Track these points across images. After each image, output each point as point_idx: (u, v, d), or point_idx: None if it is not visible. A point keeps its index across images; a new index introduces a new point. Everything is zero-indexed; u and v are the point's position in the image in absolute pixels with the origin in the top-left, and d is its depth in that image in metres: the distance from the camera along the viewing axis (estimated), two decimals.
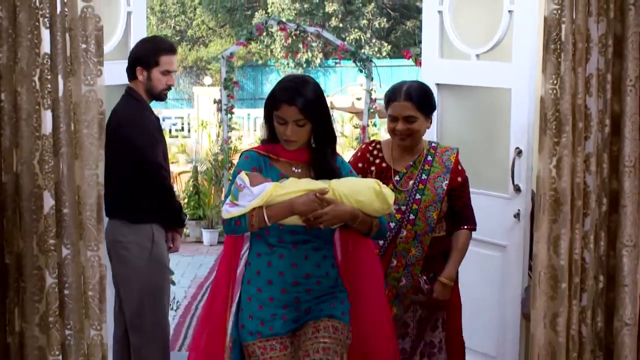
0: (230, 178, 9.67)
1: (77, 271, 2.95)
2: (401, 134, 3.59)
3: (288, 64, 25.73)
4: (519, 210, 4.11)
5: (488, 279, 4.32)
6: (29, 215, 2.95)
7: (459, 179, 3.70)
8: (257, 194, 2.96)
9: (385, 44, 26.67)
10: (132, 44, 4.17)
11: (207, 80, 19.82)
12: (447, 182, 3.64)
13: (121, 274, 4.10)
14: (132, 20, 4.25)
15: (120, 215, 4.06)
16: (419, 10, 27.88)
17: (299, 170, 3.16)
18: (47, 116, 2.91)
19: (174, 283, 5.16)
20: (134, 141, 3.94)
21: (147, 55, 4.02)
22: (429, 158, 3.67)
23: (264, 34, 10.00)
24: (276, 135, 3.12)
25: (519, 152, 4.08)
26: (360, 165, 3.70)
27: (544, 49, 3.17)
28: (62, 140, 2.89)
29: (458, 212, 3.72)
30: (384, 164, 3.68)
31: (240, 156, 3.17)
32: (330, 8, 25.57)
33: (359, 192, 3.08)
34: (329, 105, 3.16)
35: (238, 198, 2.99)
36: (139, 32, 4.26)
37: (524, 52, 4.01)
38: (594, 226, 3.33)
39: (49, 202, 2.95)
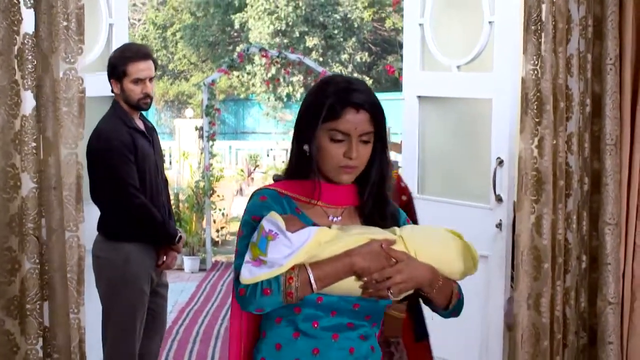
0: (212, 205, 9.78)
1: (59, 255, 2.91)
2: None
3: (269, 98, 25.84)
4: (500, 220, 4.10)
5: (470, 290, 4.22)
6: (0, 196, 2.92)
7: (403, 197, 3.01)
8: (299, 245, 2.00)
9: (367, 79, 26.84)
10: None
11: (189, 112, 19.84)
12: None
13: (100, 292, 3.98)
14: (113, 32, 4.22)
15: (100, 230, 3.98)
16: (400, 45, 28.16)
17: (339, 219, 2.20)
18: (27, 96, 2.89)
19: None
20: (104, 158, 3.83)
21: (115, 66, 3.90)
22: None
23: (246, 60, 9.94)
24: (302, 169, 2.17)
25: (500, 162, 4.08)
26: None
27: (524, 29, 3.21)
28: (45, 121, 2.88)
29: None
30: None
31: (252, 197, 2.21)
32: (310, 42, 25.71)
33: (439, 245, 2.19)
34: None
35: (267, 251, 2.00)
36: (120, 44, 4.21)
37: (504, 62, 4.03)
38: (576, 206, 3.36)
39: (28, 184, 2.92)
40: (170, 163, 17.90)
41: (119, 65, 3.87)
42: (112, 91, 3.95)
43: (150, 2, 29.66)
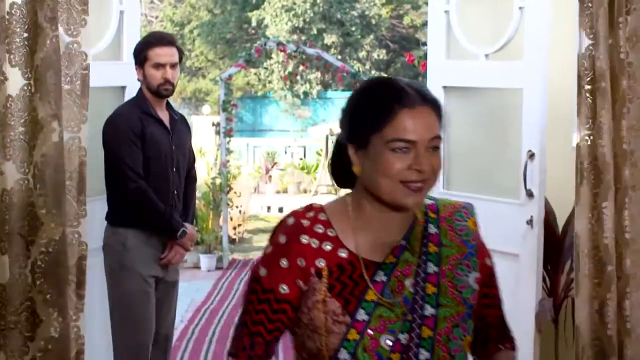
0: (229, 202, 9.61)
1: (56, 254, 2.61)
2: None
3: (286, 95, 25.72)
4: (531, 216, 3.90)
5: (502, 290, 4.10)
6: None
7: (487, 261, 1.98)
8: None
9: (385, 76, 26.60)
10: (125, 44, 4.04)
11: (206, 109, 19.73)
12: (477, 273, 1.89)
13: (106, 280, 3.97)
14: (124, 20, 4.05)
15: (106, 217, 3.97)
16: (418, 43, 28.07)
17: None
18: (14, 74, 2.57)
19: None
20: (107, 139, 3.87)
21: (138, 52, 3.94)
22: (432, 229, 1.87)
23: (263, 55, 9.78)
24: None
25: (531, 155, 3.88)
26: (298, 263, 1.76)
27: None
28: (42, 101, 2.57)
29: (491, 323, 2.02)
30: (342, 254, 1.78)
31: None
32: (328, 39, 25.59)
33: None
34: (328, 131, 2.31)
35: None
36: (132, 32, 4.07)
37: (535, 49, 3.83)
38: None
39: (13, 174, 2.61)
40: None
41: (141, 50, 3.92)
42: (138, 79, 3.97)
43: None
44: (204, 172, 13.05)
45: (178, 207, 4.05)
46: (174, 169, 4.01)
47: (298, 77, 25.06)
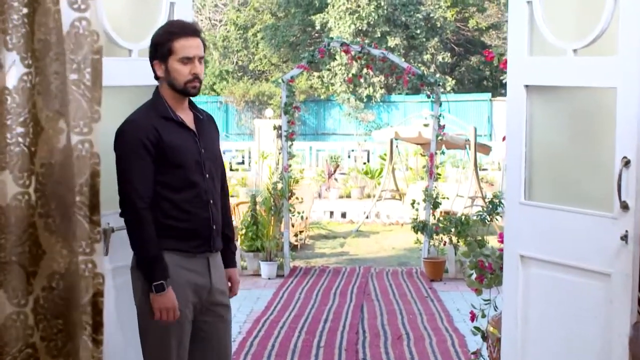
0: (291, 208, 9.35)
1: (65, 290, 2.00)
2: None
3: (349, 99, 25.50)
4: (626, 231, 3.49)
5: (588, 314, 3.71)
6: None
7: None
8: None
9: (450, 79, 26.20)
10: None
11: (269, 112, 19.59)
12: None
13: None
14: (175, 12, 3.69)
15: None
16: (483, 46, 27.54)
17: None
18: (10, 60, 2.00)
19: None
20: (116, 153, 3.27)
21: (159, 44, 3.38)
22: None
23: (327, 56, 9.46)
24: None
25: (626, 163, 3.47)
26: None
27: None
28: (42, 95, 2.01)
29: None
30: None
31: None
32: (392, 42, 25.30)
33: None
34: (393, 134, 2.04)
35: None
36: None
37: (632, 43, 3.43)
38: None
39: (11, 188, 2.05)
40: (250, 164, 17.68)
41: (163, 42, 3.36)
42: (155, 77, 3.43)
43: (232, 2, 29.76)
44: (266, 177, 12.84)
45: (217, 219, 3.53)
46: (207, 176, 3.49)
47: (362, 80, 24.85)
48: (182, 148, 3.39)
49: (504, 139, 4.10)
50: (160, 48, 3.36)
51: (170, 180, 3.37)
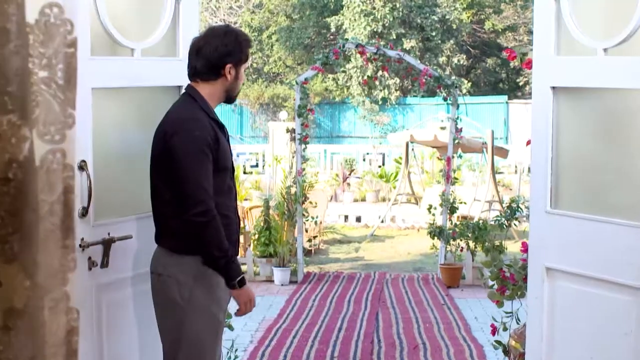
0: (305, 213, 9.15)
1: (30, 331, 1.52)
2: None
3: (364, 101, 25.32)
4: None
5: (618, 331, 3.50)
6: None
7: None
8: None
9: (465, 82, 25.98)
10: (182, 38, 3.51)
11: (283, 114, 19.43)
12: None
13: (157, 317, 3.32)
14: (180, 10, 3.51)
15: (162, 242, 3.31)
16: (499, 48, 27.30)
17: None
18: None
19: (231, 328, 4.37)
20: (179, 149, 3.17)
21: (240, 49, 3.34)
22: None
23: (341, 58, 9.27)
24: None
25: None
26: None
27: None
28: (5, 97, 1.58)
29: None
30: None
31: None
32: (407, 44, 25.08)
33: None
34: (408, 137, 1.91)
35: None
36: (189, 24, 3.55)
37: None
38: None
39: None
40: (264, 167, 17.53)
41: (242, 48, 3.36)
42: (211, 79, 3.32)
43: (247, 5, 29.64)
44: (280, 180, 12.66)
45: (239, 234, 3.50)
46: (233, 181, 3.46)
47: (377, 82, 24.65)
48: (227, 152, 3.36)
49: (528, 142, 3.88)
50: (239, 52, 3.35)
51: (217, 183, 3.28)
